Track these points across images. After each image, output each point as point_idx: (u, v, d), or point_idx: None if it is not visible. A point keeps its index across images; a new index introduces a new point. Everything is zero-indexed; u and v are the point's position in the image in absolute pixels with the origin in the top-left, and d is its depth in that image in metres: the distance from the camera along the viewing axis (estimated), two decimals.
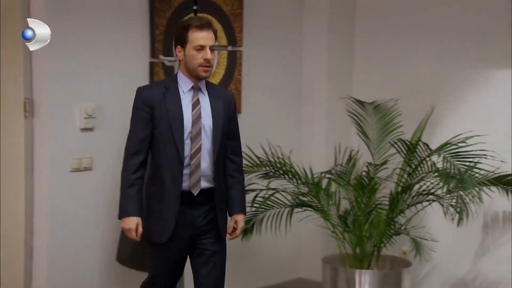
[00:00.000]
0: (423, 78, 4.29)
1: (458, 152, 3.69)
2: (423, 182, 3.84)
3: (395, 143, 3.86)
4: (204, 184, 3.04)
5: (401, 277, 3.91)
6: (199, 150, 3.01)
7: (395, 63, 4.40)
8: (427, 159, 3.75)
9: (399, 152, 3.87)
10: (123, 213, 3.03)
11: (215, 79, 4.07)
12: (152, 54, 3.74)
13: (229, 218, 3.17)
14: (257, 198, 3.97)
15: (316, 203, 4.00)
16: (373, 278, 3.88)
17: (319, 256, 4.17)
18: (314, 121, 4.55)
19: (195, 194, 3.02)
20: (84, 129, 3.54)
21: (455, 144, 3.73)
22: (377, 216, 3.89)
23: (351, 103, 4.17)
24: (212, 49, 3.01)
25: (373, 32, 4.52)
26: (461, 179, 3.50)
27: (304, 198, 3.98)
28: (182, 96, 3.04)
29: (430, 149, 3.73)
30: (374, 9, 4.50)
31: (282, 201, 4.00)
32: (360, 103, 4.13)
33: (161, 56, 3.59)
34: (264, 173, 4.00)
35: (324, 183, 4.05)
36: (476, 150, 3.70)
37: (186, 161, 2.99)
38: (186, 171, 3.00)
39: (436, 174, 3.70)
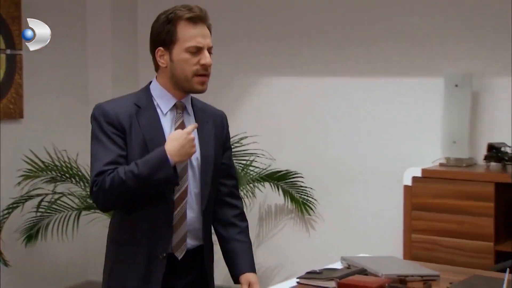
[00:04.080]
0: None
1: (235, 152, 3.95)
2: None
3: None
4: (191, 242, 2.23)
5: None
6: (184, 194, 2.20)
7: None
8: None
9: None
10: (162, 151, 2.11)
11: None
12: None
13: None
14: (43, 203, 3.92)
15: None
16: None
17: None
18: None
19: (179, 258, 2.21)
20: None
21: (232, 145, 4.00)
22: None
23: None
24: (210, 51, 2.21)
25: None
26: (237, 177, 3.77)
27: (92, 201, 4.01)
28: (162, 118, 2.23)
29: None
30: (155, 14, 4.63)
31: (69, 204, 3.99)
32: None
33: None
34: (51, 178, 3.97)
35: None
36: (250, 150, 3.99)
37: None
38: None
39: None
